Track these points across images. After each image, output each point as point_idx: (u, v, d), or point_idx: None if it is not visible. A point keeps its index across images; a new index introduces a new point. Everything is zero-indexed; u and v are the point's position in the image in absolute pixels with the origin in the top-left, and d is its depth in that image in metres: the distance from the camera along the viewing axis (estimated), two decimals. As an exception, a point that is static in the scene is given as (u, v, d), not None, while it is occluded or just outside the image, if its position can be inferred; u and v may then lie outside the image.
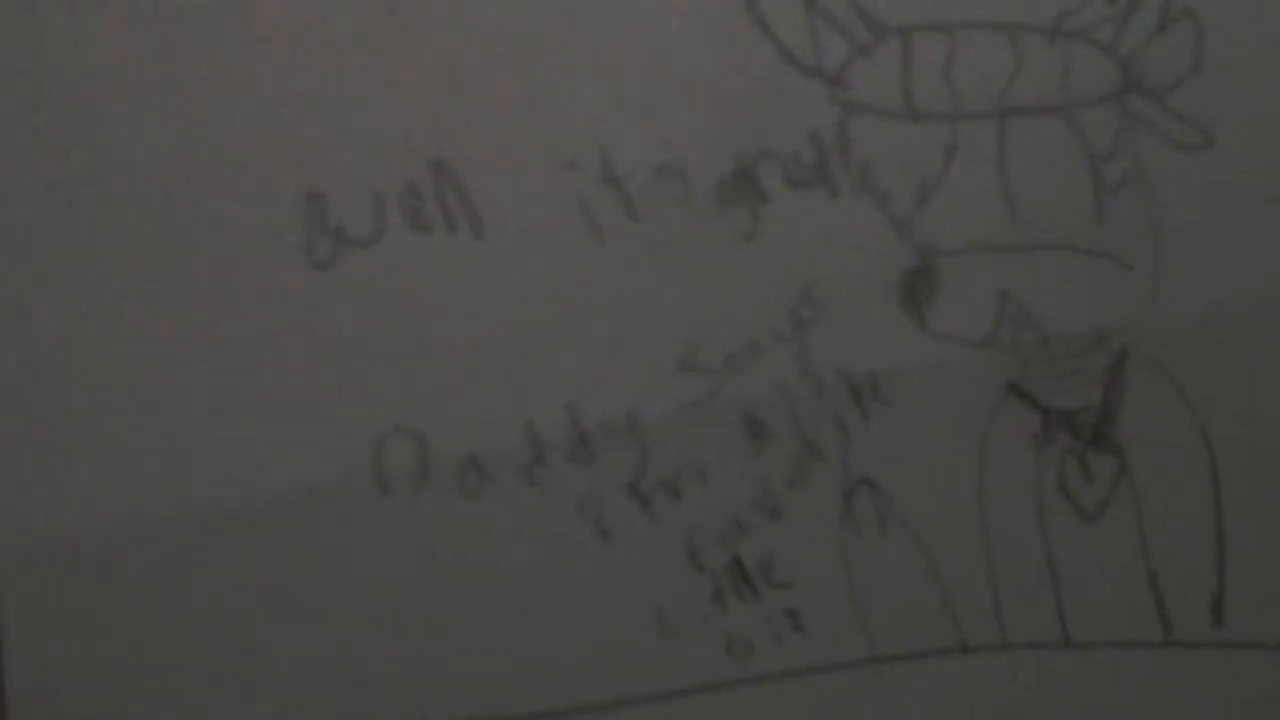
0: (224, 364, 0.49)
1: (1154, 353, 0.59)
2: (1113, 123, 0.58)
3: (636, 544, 0.53)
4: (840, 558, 0.55)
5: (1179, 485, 0.60)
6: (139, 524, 0.48)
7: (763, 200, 0.54)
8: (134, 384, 0.48)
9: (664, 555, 0.53)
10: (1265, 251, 0.60)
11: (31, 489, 0.48)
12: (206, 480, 0.49)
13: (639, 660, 0.53)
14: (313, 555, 0.49)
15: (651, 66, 0.53)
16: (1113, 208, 0.58)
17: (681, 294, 0.53)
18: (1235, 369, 0.60)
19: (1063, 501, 0.58)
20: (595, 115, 0.52)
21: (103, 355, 0.48)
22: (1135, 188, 0.58)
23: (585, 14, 0.52)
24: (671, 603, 0.53)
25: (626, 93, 0.52)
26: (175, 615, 0.49)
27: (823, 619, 0.55)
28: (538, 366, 0.51)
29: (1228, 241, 0.60)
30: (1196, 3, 0.58)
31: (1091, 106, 0.57)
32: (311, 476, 0.49)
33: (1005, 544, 0.57)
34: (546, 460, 0.52)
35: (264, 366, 0.49)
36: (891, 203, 0.56)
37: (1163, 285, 0.59)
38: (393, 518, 0.50)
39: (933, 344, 0.56)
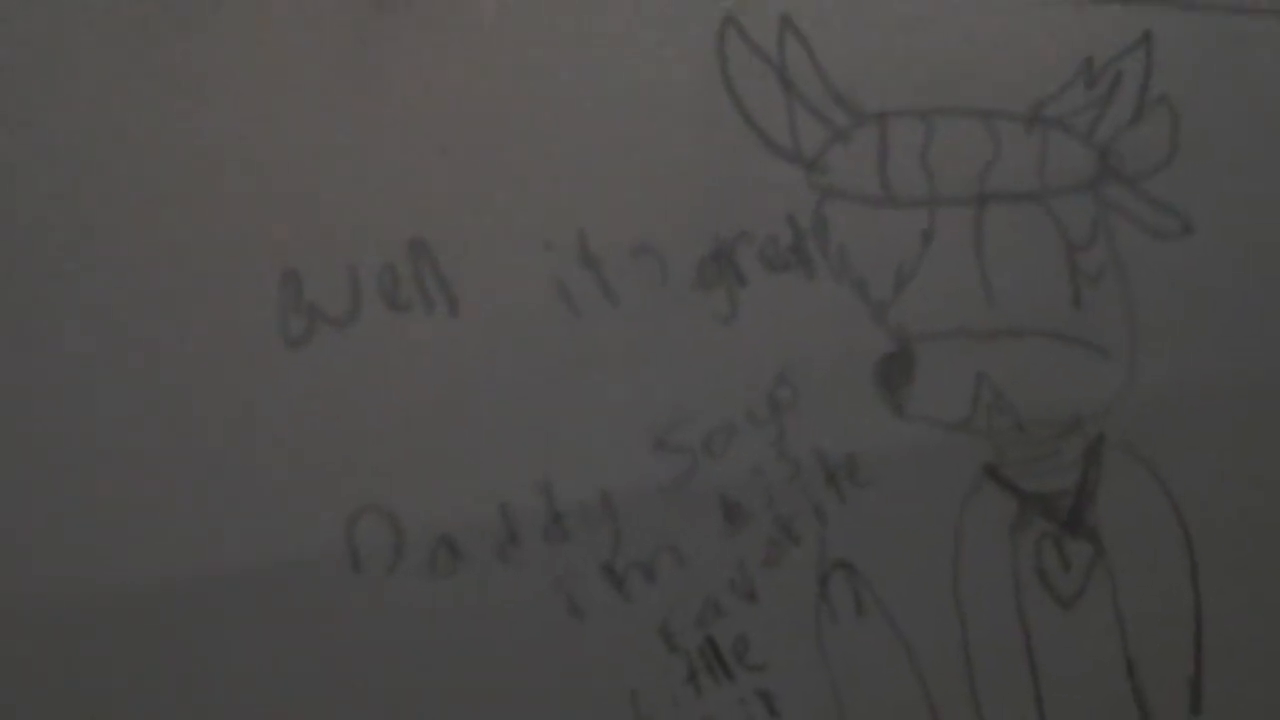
0: (196, 440, 0.49)
1: (1130, 439, 0.59)
2: (1090, 210, 0.58)
3: (610, 624, 0.52)
4: (816, 641, 0.55)
5: (1155, 571, 0.60)
6: (108, 599, 0.48)
7: (740, 282, 0.54)
8: (105, 459, 0.48)
9: (638, 636, 0.53)
10: (1242, 339, 0.60)
11: None
12: (177, 556, 0.48)
13: (612, 744, 0.52)
14: (284, 633, 0.49)
15: (630, 148, 0.53)
16: (1090, 295, 0.59)
17: (658, 375, 0.53)
18: (1211, 456, 0.60)
19: (1040, 587, 0.58)
20: (573, 195, 0.52)
21: (71, 429, 0.48)
22: (1113, 275, 0.59)
23: (564, 95, 0.52)
24: (645, 684, 0.53)
25: (604, 173, 0.53)
26: (143, 692, 0.48)
27: (798, 702, 0.55)
28: (513, 446, 0.51)
29: (1204, 329, 0.60)
30: (1173, 90, 0.58)
31: (1069, 194, 0.58)
32: (283, 554, 0.49)
33: (982, 630, 0.57)
34: (520, 540, 0.51)
35: (236, 443, 0.49)
36: (869, 287, 0.56)
37: (1139, 372, 0.59)
38: (365, 596, 0.50)
39: (909, 428, 0.56)
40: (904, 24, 0.56)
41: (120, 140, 0.49)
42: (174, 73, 0.49)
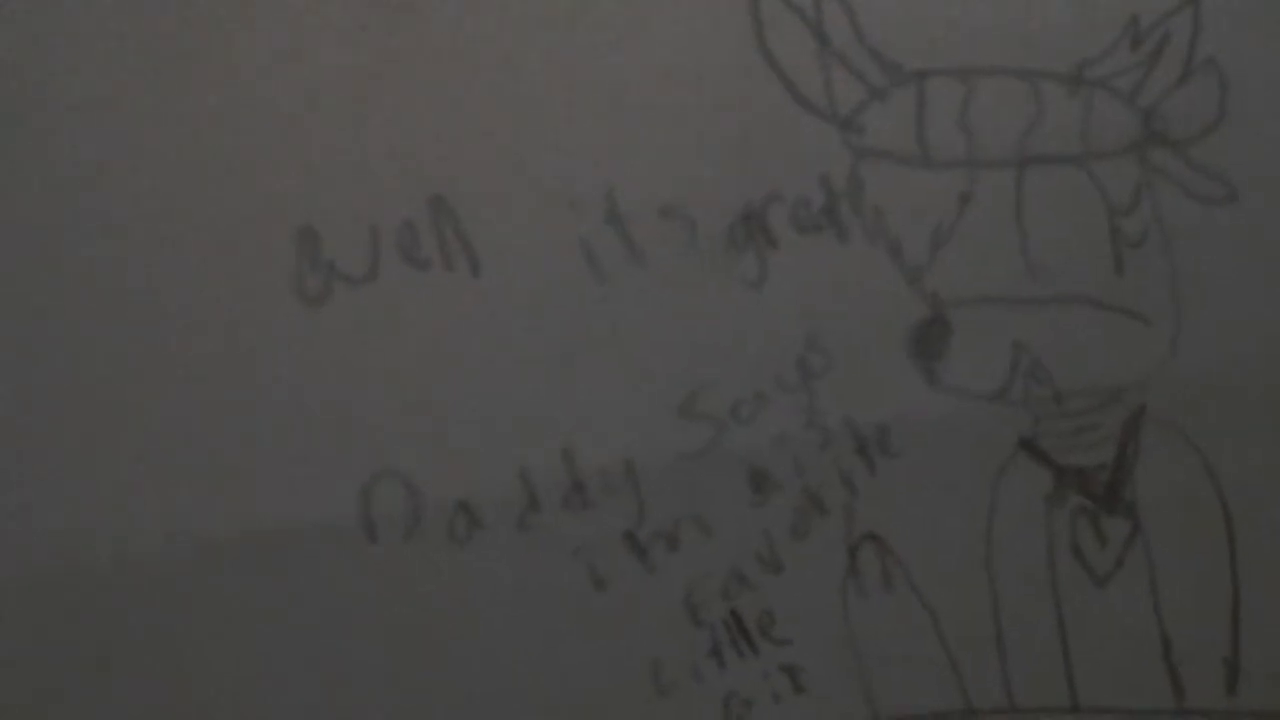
0: (210, 401, 0.48)
1: (1171, 411, 0.58)
2: (1133, 175, 0.57)
3: (632, 595, 0.51)
4: (843, 615, 0.54)
5: (1194, 549, 0.58)
6: (120, 563, 0.47)
7: (771, 245, 0.53)
8: (118, 421, 0.47)
9: (661, 608, 0.52)
10: (1287, 310, 0.59)
11: (12, 522, 0.47)
12: (189, 521, 0.47)
13: (633, 716, 0.51)
14: (296, 600, 0.48)
15: (659, 105, 0.51)
16: (1132, 261, 0.57)
17: (685, 339, 0.52)
18: (1255, 430, 0.59)
19: (1074, 563, 0.57)
20: (600, 154, 0.51)
21: (87, 391, 0.47)
22: (1155, 241, 0.57)
23: (592, 51, 0.51)
24: (667, 657, 0.52)
25: (633, 132, 0.51)
26: (154, 653, 0.47)
27: (823, 678, 0.53)
28: (533, 410, 0.50)
29: (1250, 298, 0.58)
30: (1220, 53, 0.56)
31: (1112, 158, 0.56)
32: (297, 520, 0.48)
33: (1014, 605, 0.56)
34: (540, 507, 0.50)
35: (251, 405, 0.48)
36: (903, 251, 0.55)
37: (1182, 342, 0.58)
38: (380, 565, 0.49)
39: (943, 397, 0.55)
40: (944, -20, 0.54)
41: (137, 97, 0.47)
42: (191, 29, 0.48)
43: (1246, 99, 0.57)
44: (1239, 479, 0.59)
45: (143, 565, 0.47)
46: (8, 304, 0.47)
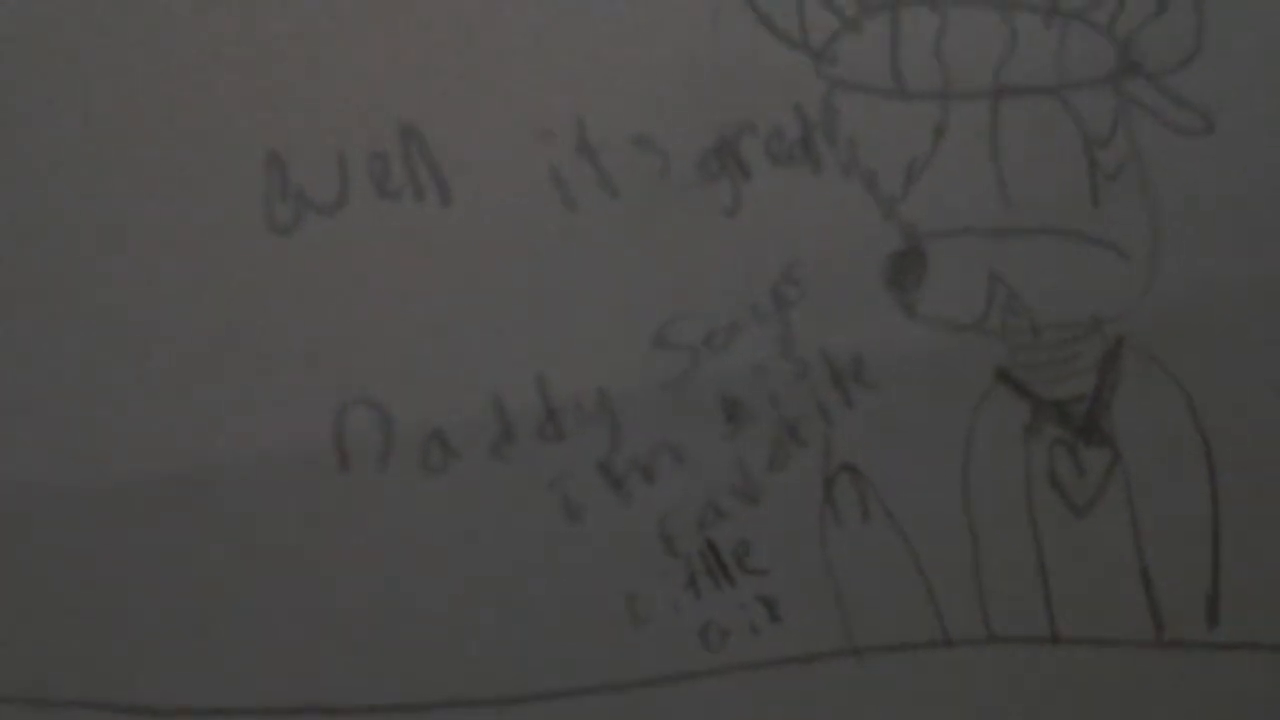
0: (179, 330, 0.47)
1: (1150, 342, 0.57)
2: (1110, 106, 0.56)
3: (607, 526, 0.51)
4: (820, 545, 0.54)
5: (1174, 479, 0.58)
6: (91, 491, 0.46)
7: (744, 176, 0.53)
8: (87, 351, 0.47)
9: (636, 538, 0.51)
10: (1266, 239, 0.58)
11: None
12: (159, 451, 0.47)
13: (608, 647, 0.51)
14: (269, 530, 0.48)
15: (631, 33, 0.51)
16: (1109, 192, 0.57)
17: (658, 269, 0.52)
18: (1234, 360, 0.58)
19: (1052, 494, 0.57)
20: (571, 82, 0.51)
21: (55, 320, 0.46)
22: (1132, 172, 0.57)
23: (563, -23, 0.50)
24: (643, 588, 0.52)
25: (604, 59, 0.51)
26: (127, 584, 0.47)
27: (800, 608, 0.53)
28: (506, 340, 0.50)
29: (1227, 228, 0.58)
30: (1198, -16, 0.56)
31: (1088, 88, 0.56)
32: (268, 450, 0.48)
33: (991, 536, 0.56)
34: (514, 437, 0.50)
35: (220, 334, 0.47)
36: (878, 182, 0.54)
37: (1160, 273, 0.57)
38: (353, 493, 0.48)
39: (919, 328, 0.55)
40: (917, -93, 0.54)
41: (103, 25, 0.47)
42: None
43: (1224, 30, 0.57)
44: (1218, 410, 0.58)
45: (114, 495, 0.47)
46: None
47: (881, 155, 0.54)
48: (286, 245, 0.48)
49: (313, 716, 0.48)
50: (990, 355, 0.56)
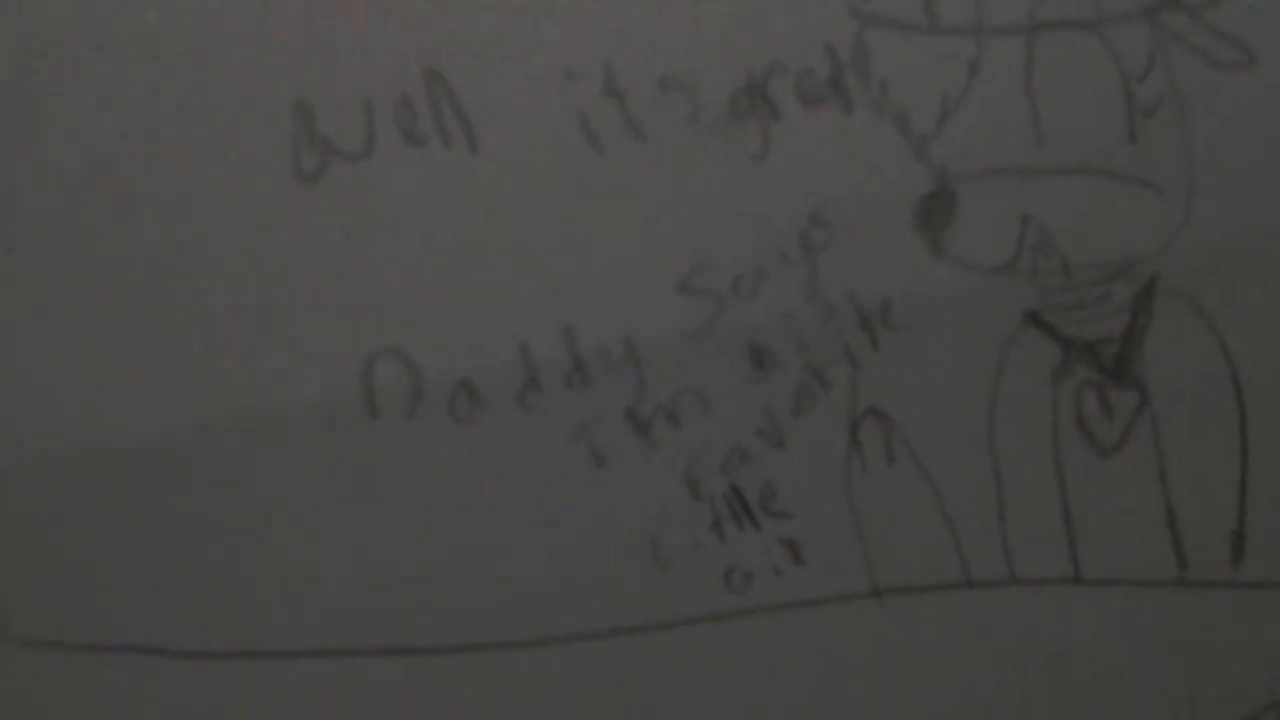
0: (206, 280, 0.47)
1: (1183, 283, 0.57)
2: (1147, 40, 0.55)
3: (633, 472, 0.51)
4: (844, 489, 0.54)
5: (1203, 420, 0.58)
6: (120, 439, 0.47)
7: (774, 117, 0.52)
8: (114, 299, 0.47)
9: (661, 483, 0.52)
10: (1305, 179, 0.58)
11: (12, 402, 0.47)
12: (189, 398, 0.47)
13: (633, 590, 0.52)
14: (298, 478, 0.48)
15: (659, -27, 0.50)
16: (1145, 129, 0.56)
17: (685, 214, 0.51)
18: (1269, 301, 0.58)
19: (1080, 436, 0.57)
20: (597, 24, 0.50)
21: (82, 270, 0.46)
22: (1170, 108, 0.56)
23: (589, -82, 0.49)
24: (668, 532, 0.52)
25: (630, 1, 0.50)
26: (157, 532, 0.47)
27: (824, 550, 0.54)
28: (533, 288, 0.50)
29: (1266, 166, 0.57)
30: (1239, -87, 0.55)
31: (1125, 22, 0.55)
32: (297, 398, 0.48)
33: (1017, 478, 0.56)
34: (541, 385, 0.50)
35: (247, 283, 0.47)
36: (910, 122, 0.54)
37: (1195, 212, 0.57)
38: (382, 442, 0.49)
39: (949, 270, 0.54)
40: None
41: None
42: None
43: (1265, -39, 0.55)
44: (1252, 350, 0.58)
45: (145, 446, 0.47)
46: None
47: (914, 93, 0.54)
48: (312, 193, 0.48)
49: (339, 659, 0.49)
50: (1020, 297, 0.56)
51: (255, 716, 0.49)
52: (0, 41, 0.45)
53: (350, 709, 0.50)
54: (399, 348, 0.49)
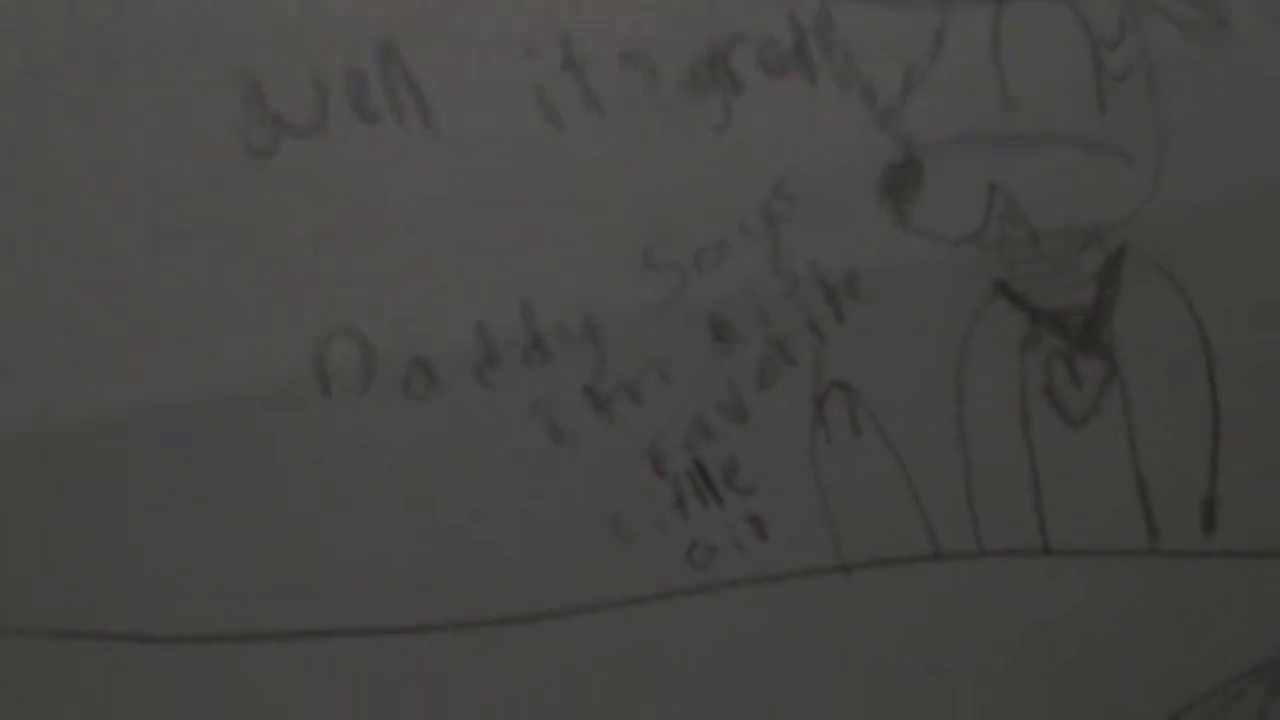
0: (156, 259, 0.46)
1: (1153, 251, 0.57)
2: (1117, 6, 0.55)
3: (593, 448, 0.51)
4: (809, 462, 0.53)
5: (1173, 389, 0.58)
6: (72, 423, 0.46)
7: (736, 89, 0.51)
8: (64, 281, 0.46)
9: (622, 460, 0.51)
10: (1276, 146, 0.57)
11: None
12: (140, 379, 0.46)
13: (596, 567, 0.51)
14: (251, 457, 0.47)
15: (616, -56, 0.49)
16: (1115, 97, 0.55)
17: (646, 188, 0.50)
18: (1238, 269, 0.58)
19: (1048, 406, 0.56)
20: (554, -4, 0.49)
21: (32, 251, 0.46)
22: (1140, 75, 0.56)
23: (544, -113, 0.49)
24: (630, 508, 0.51)
25: (588, -28, 0.49)
26: (111, 516, 0.47)
27: (789, 525, 0.53)
28: (490, 263, 0.49)
29: (1237, 134, 0.57)
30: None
31: (1096, -11, 0.54)
32: (250, 377, 0.47)
33: (984, 449, 0.55)
34: (499, 362, 0.49)
35: (198, 261, 0.47)
36: (875, 91, 0.53)
37: (1165, 180, 0.56)
38: (335, 420, 0.48)
39: (914, 241, 0.54)
40: None
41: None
42: None
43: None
44: (1221, 318, 0.58)
45: (98, 428, 0.46)
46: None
47: (878, 63, 0.53)
48: (263, 170, 0.47)
49: (309, 640, 0.48)
50: (988, 267, 0.55)
51: (229, 699, 0.49)
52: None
53: (312, 690, 0.49)
54: (352, 325, 0.48)
